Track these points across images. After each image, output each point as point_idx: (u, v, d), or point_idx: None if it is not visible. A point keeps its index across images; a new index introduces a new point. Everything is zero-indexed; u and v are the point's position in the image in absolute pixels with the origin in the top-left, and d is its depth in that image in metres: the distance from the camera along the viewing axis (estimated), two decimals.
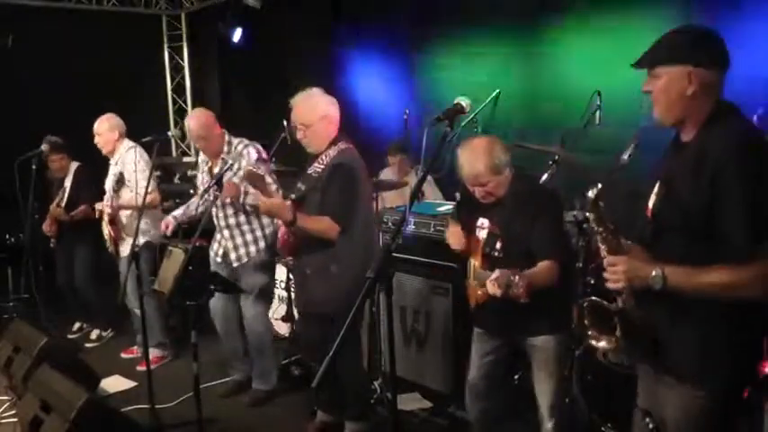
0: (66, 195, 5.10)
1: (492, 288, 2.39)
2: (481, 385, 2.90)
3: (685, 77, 1.87)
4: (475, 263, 2.77)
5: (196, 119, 3.98)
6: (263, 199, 3.10)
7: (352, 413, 3.49)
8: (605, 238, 1.93)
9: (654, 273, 1.81)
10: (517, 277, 2.34)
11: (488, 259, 2.67)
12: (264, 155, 3.90)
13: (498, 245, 2.64)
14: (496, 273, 2.40)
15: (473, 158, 2.63)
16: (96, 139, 4.75)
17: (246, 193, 3.72)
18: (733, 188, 1.76)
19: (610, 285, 1.90)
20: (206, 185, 3.99)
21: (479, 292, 2.69)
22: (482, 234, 2.72)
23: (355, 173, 3.22)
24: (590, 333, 2.00)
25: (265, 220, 3.94)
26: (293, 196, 3.23)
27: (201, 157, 4.19)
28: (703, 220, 1.81)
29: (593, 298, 2.00)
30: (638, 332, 1.94)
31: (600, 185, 1.90)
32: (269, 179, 3.69)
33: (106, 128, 4.72)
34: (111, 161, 4.78)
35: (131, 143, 4.71)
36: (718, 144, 1.81)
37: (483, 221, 2.73)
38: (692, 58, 1.86)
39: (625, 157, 1.90)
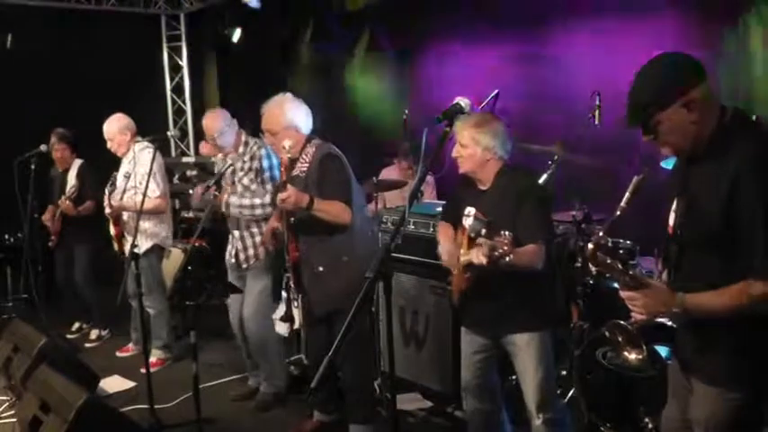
0: (75, 191, 5.05)
1: (477, 257, 2.40)
2: (473, 385, 2.91)
3: (683, 110, 1.82)
4: (460, 252, 2.78)
5: (210, 119, 3.95)
6: (281, 195, 3.08)
7: (357, 416, 3.48)
8: (616, 278, 1.91)
9: (675, 309, 1.83)
10: (503, 234, 2.34)
11: (474, 244, 2.67)
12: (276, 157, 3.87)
13: (483, 231, 2.63)
14: (482, 240, 2.40)
15: (467, 118, 2.67)
16: (109, 144, 4.69)
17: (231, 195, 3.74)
18: (756, 197, 1.74)
19: (635, 317, 1.91)
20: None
21: (464, 277, 2.71)
22: (468, 221, 2.72)
23: (343, 161, 3.30)
24: (625, 349, 2.02)
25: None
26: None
27: (220, 156, 4.16)
28: (724, 235, 1.80)
29: (617, 321, 2.01)
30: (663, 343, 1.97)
31: (600, 234, 1.89)
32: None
33: (116, 130, 4.65)
34: (124, 160, 4.71)
35: (145, 143, 4.60)
36: (738, 156, 1.78)
37: (469, 210, 2.75)
38: (680, 91, 1.82)
39: (624, 204, 1.89)
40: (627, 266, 1.90)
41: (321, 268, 3.28)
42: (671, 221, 1.97)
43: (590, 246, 1.89)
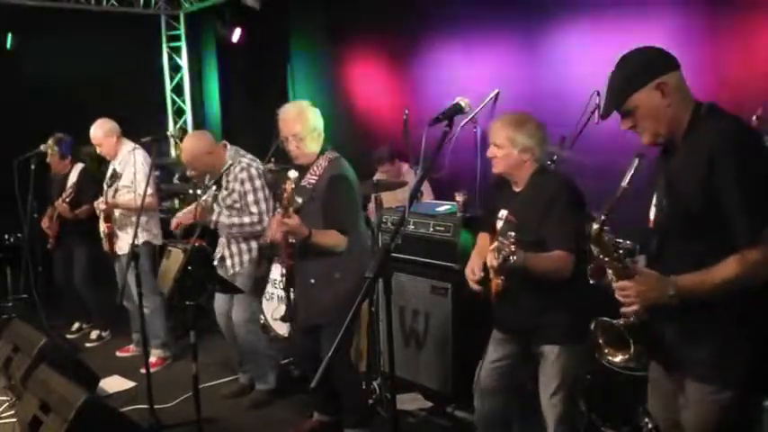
0: (73, 194, 5.04)
1: (491, 259, 2.37)
2: (490, 387, 2.86)
3: (655, 94, 1.92)
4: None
5: (184, 150, 3.92)
6: (282, 220, 3.12)
7: (350, 420, 3.50)
8: (612, 265, 1.92)
9: (670, 292, 1.83)
10: (509, 234, 2.32)
11: None
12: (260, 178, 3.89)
13: (512, 234, 2.62)
14: (495, 243, 2.37)
15: (504, 117, 2.65)
16: (99, 150, 4.75)
17: (220, 213, 3.79)
18: (732, 176, 1.78)
19: (624, 310, 1.90)
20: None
21: (497, 282, 2.65)
22: (500, 224, 2.70)
23: (351, 182, 3.32)
24: (606, 351, 2.02)
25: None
26: (299, 200, 3.22)
27: None
28: (704, 216, 1.84)
29: (604, 318, 2.00)
30: (651, 342, 1.96)
31: (603, 217, 1.88)
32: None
33: (102, 135, 4.69)
34: (113, 162, 4.75)
35: (132, 144, 4.70)
36: (711, 137, 1.85)
37: (503, 212, 2.71)
38: (652, 73, 1.92)
39: (625, 184, 1.90)
40: (620, 256, 1.92)
41: (313, 281, 3.32)
42: (651, 215, 2.00)
43: (594, 226, 1.88)
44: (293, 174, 3.08)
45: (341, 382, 3.42)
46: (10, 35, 6.77)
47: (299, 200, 3.21)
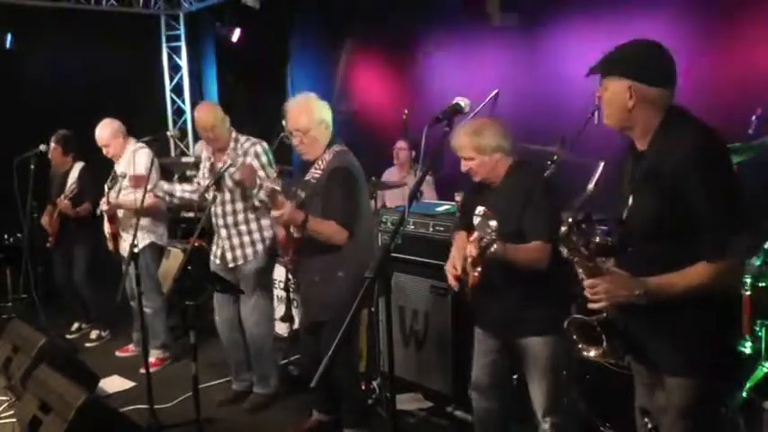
0: (76, 190, 5.02)
1: (470, 249, 2.39)
2: (484, 384, 2.88)
3: (625, 91, 1.95)
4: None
5: (205, 111, 3.88)
6: (274, 214, 3.08)
7: (350, 419, 3.49)
8: (582, 263, 1.97)
9: (637, 292, 1.87)
10: (489, 224, 2.34)
11: None
12: (270, 155, 3.88)
13: (493, 223, 2.63)
14: (475, 234, 2.40)
15: (461, 131, 2.65)
16: (105, 151, 4.68)
17: (261, 187, 3.69)
18: (700, 190, 1.83)
19: (592, 306, 1.96)
20: (206, 180, 3.98)
21: (473, 275, 2.67)
22: (477, 220, 2.72)
23: (354, 176, 3.24)
24: (579, 346, 2.09)
25: (265, 223, 3.89)
26: (302, 195, 3.21)
27: (205, 153, 4.15)
28: (674, 223, 1.88)
29: (577, 316, 2.06)
30: (621, 337, 2.02)
31: (570, 220, 1.94)
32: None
33: (108, 136, 4.66)
34: (119, 161, 4.71)
35: (139, 144, 4.63)
36: (676, 149, 1.87)
37: (480, 209, 2.74)
38: (631, 73, 1.94)
39: (591, 186, 1.95)
40: (591, 255, 1.97)
41: (317, 278, 3.29)
42: (624, 213, 2.04)
43: (563, 228, 1.94)
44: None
45: (341, 382, 3.41)
46: (9, 35, 6.78)
47: (302, 194, 3.18)
